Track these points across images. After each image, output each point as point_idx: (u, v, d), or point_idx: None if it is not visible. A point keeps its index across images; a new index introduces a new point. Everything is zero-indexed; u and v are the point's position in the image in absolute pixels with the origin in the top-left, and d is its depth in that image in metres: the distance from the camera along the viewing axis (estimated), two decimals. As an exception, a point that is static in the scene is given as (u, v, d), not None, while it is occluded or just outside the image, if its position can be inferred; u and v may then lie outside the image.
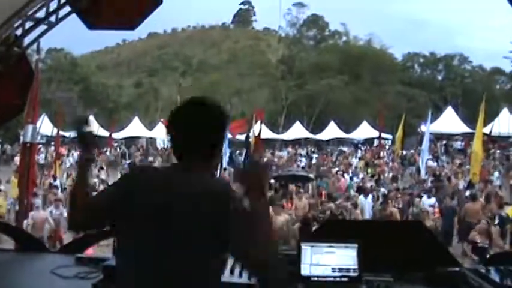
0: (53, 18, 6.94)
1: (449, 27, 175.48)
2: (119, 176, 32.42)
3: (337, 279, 4.03)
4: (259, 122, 34.37)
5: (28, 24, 6.59)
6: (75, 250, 5.31)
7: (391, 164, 38.39)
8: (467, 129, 46.02)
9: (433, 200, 20.88)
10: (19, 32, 6.52)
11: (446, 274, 4.19)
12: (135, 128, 58.00)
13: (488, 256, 13.46)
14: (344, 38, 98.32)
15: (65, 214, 17.79)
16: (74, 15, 7.40)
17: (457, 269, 4.32)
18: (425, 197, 21.33)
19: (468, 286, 3.98)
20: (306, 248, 4.06)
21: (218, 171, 26.37)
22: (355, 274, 4.04)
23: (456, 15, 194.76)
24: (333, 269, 4.03)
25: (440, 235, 16.92)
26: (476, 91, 68.85)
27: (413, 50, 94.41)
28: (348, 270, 4.04)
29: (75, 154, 46.11)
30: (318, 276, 3.99)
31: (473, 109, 44.40)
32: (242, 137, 35.99)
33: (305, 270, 4.00)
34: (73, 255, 5.00)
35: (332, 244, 4.08)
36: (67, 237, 15.97)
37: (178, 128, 3.02)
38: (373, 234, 4.28)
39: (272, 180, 25.39)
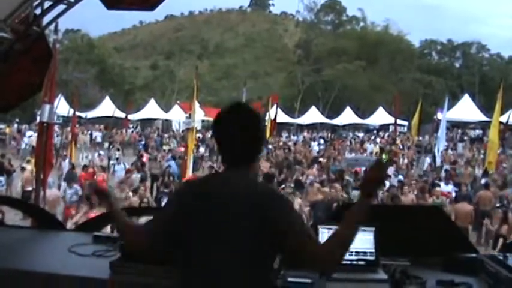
0: (72, -2, 6.93)
1: (467, 14, 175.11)
2: (133, 156, 32.62)
3: (354, 262, 4.02)
4: (275, 106, 34.44)
5: (47, 4, 6.56)
6: (93, 228, 5.32)
7: (406, 150, 38.28)
8: (484, 118, 45.77)
9: (450, 187, 20.90)
10: (38, 11, 6.50)
11: (463, 260, 4.17)
12: (151, 109, 58.08)
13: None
14: (361, 24, 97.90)
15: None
16: (92, -5, 7.39)
17: (474, 255, 4.31)
18: (442, 184, 21.32)
19: (485, 272, 3.97)
20: (324, 231, 4.04)
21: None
22: (372, 258, 4.02)
23: (474, 3, 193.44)
24: (349, 252, 4.01)
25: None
26: (493, 79, 68.53)
27: (431, 37, 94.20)
28: (364, 253, 4.03)
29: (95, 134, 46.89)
30: (334, 259, 3.98)
31: (490, 97, 44.23)
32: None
33: (322, 253, 3.99)
34: (90, 233, 5.01)
35: (349, 227, 4.06)
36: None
37: (221, 137, 3.18)
38: (389, 218, 4.26)
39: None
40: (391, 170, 26.99)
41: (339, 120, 62.89)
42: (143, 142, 42.27)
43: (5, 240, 4.63)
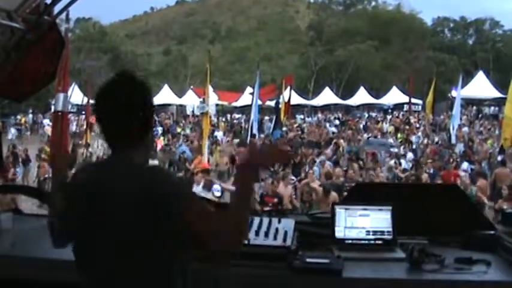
0: (82, -14, 6.91)
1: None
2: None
3: (372, 241, 4.01)
4: (288, 87, 34.36)
5: (58, -8, 6.55)
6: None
7: (421, 129, 38.16)
8: (499, 94, 45.45)
9: (465, 165, 20.83)
10: (49, 0, 6.49)
11: (481, 237, 4.15)
12: (165, 95, 58.02)
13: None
14: (373, 3, 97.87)
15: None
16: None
17: (492, 232, 4.28)
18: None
19: (503, 249, 3.95)
20: (341, 211, 4.05)
21: (249, 137, 26.44)
22: (390, 237, 4.01)
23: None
24: (367, 231, 4.01)
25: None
26: (507, 55, 68.05)
27: (443, 15, 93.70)
28: (382, 233, 4.02)
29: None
30: (352, 239, 3.98)
31: (505, 74, 43.92)
32: (272, 103, 35.93)
33: (339, 233, 4.00)
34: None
35: (366, 207, 4.06)
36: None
37: (99, 113, 2.74)
38: (406, 197, 4.25)
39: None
40: (405, 150, 27.11)
41: (353, 101, 62.71)
42: (159, 128, 42.21)
43: (22, 228, 4.65)
